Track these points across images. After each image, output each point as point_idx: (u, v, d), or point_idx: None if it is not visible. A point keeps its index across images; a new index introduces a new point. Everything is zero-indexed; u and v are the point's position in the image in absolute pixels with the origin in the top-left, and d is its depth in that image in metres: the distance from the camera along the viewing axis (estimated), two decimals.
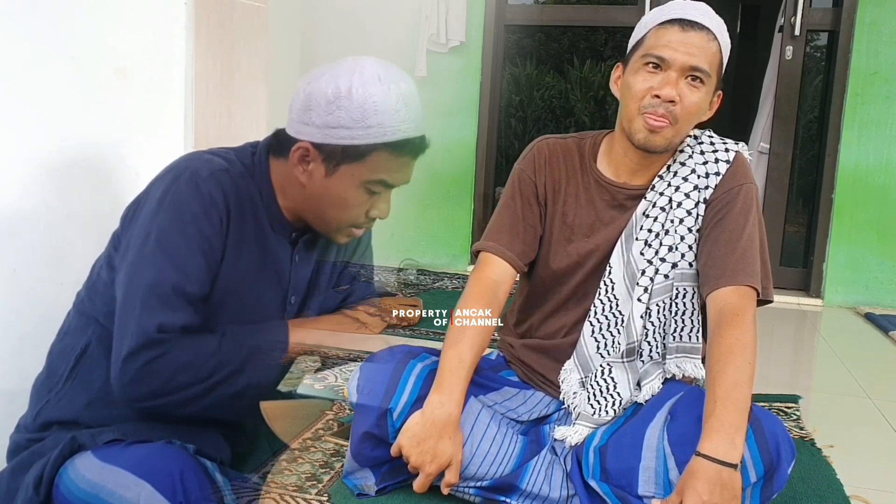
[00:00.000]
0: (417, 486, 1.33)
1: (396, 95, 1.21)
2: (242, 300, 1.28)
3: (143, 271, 1.17)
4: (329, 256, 1.44)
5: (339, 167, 1.23)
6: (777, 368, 2.75)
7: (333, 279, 1.45)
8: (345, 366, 2.23)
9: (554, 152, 1.51)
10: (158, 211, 1.19)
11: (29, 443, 1.25)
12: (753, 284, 1.33)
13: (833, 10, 3.86)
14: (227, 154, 1.29)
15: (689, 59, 1.32)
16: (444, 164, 4.21)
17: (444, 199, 4.31)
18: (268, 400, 1.30)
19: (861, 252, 3.77)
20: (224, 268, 1.24)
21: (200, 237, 1.19)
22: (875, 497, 1.59)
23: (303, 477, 1.50)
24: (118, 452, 1.15)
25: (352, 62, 1.23)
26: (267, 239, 1.31)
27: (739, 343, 1.26)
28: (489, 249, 1.48)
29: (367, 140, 1.20)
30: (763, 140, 4.04)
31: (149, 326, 1.15)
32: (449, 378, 1.34)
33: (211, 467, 1.18)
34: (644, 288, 1.40)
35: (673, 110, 1.33)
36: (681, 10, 1.36)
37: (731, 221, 1.37)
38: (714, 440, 1.18)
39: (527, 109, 7.38)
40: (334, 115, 1.20)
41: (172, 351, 1.16)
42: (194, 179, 1.20)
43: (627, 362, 1.42)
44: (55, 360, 1.29)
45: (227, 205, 1.23)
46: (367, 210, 1.29)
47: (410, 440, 1.30)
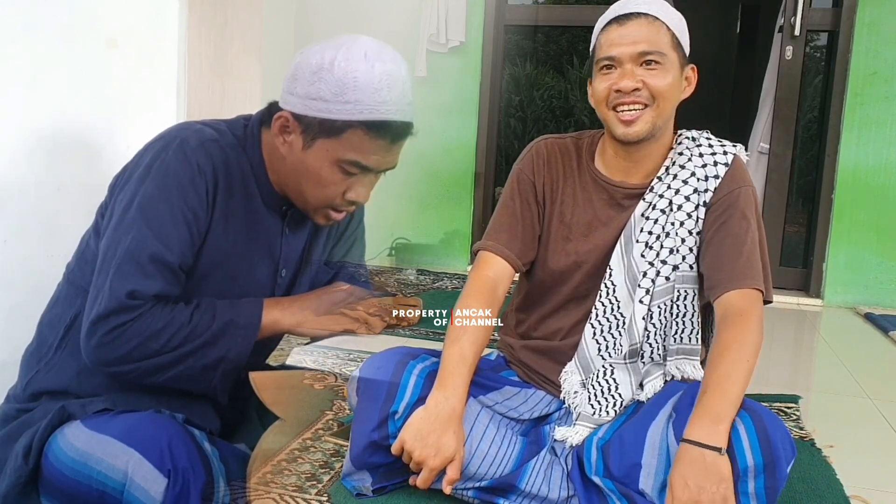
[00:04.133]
0: (421, 482, 1.32)
1: (380, 74, 1.18)
2: (231, 272, 1.27)
3: (122, 236, 1.17)
4: (321, 231, 1.43)
5: (315, 141, 1.21)
6: (777, 368, 2.74)
7: (325, 254, 1.44)
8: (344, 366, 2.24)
9: (552, 152, 1.52)
10: (145, 178, 1.18)
11: (18, 413, 1.25)
12: (759, 287, 1.35)
13: (833, 10, 3.86)
14: (219, 125, 1.28)
15: (634, 48, 1.35)
16: (444, 164, 4.22)
17: (444, 199, 4.31)
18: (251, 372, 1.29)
19: (861, 252, 3.77)
20: (210, 239, 1.23)
21: (185, 207, 1.18)
22: (875, 497, 1.59)
23: (303, 477, 1.50)
24: (107, 421, 1.15)
25: (347, 38, 1.21)
26: (257, 211, 1.29)
27: (737, 341, 1.27)
28: (488, 248, 1.48)
29: (342, 115, 1.18)
30: (763, 140, 4.04)
31: (120, 291, 1.14)
32: (451, 374, 1.34)
33: (199, 436, 1.18)
34: (645, 290, 1.40)
35: (641, 94, 1.35)
36: (618, 9, 1.40)
37: (734, 225, 1.38)
38: (696, 425, 1.20)
39: (526, 109, 7.38)
40: (315, 85, 1.18)
41: (143, 318, 1.15)
42: (183, 148, 1.19)
43: (630, 364, 1.42)
44: (45, 330, 1.29)
45: (216, 175, 1.22)
46: (345, 191, 1.26)
47: (414, 435, 1.30)
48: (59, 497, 1.15)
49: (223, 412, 1.34)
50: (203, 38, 1.86)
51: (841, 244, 3.80)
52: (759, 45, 5.74)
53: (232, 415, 1.38)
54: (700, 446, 1.19)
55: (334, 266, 1.47)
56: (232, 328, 1.23)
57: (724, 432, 1.20)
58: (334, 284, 1.42)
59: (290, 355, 2.06)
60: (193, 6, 1.81)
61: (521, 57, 7.49)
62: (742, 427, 1.22)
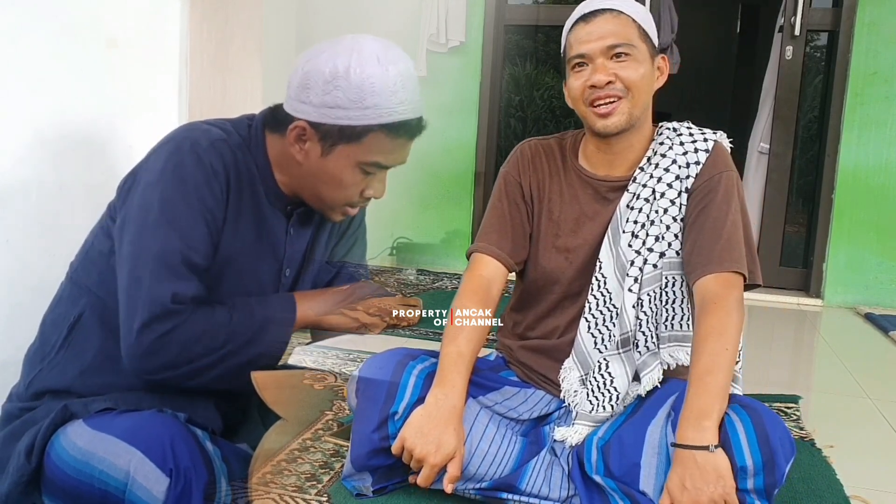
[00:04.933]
0: (422, 480, 1.31)
1: (395, 76, 1.20)
2: (239, 271, 1.28)
3: (149, 242, 1.17)
4: (323, 230, 1.43)
5: (335, 147, 1.23)
6: (777, 368, 2.75)
7: (327, 253, 1.45)
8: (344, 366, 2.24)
9: (537, 152, 1.55)
10: (161, 181, 1.18)
11: (21, 412, 1.25)
12: (739, 270, 1.35)
13: (833, 10, 3.86)
14: (225, 125, 1.29)
15: (601, 43, 1.37)
16: (444, 164, 4.22)
17: (444, 199, 4.31)
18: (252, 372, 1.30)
19: (861, 252, 3.77)
20: (224, 238, 1.24)
21: (204, 208, 1.19)
22: (875, 497, 1.59)
23: (302, 477, 1.50)
24: (109, 421, 1.16)
25: (351, 41, 1.22)
26: (263, 211, 1.31)
27: (716, 329, 1.28)
28: (479, 250, 1.50)
29: (363, 121, 1.20)
30: (763, 140, 4.04)
31: (163, 296, 1.14)
32: (450, 371, 1.35)
33: (201, 436, 1.18)
34: (634, 278, 1.41)
35: (615, 87, 1.38)
36: (583, 8, 1.43)
37: (714, 209, 1.39)
38: (683, 427, 1.21)
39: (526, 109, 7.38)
40: (331, 94, 1.19)
41: (187, 321, 1.16)
42: (195, 149, 1.20)
43: (623, 353, 1.42)
44: (48, 329, 1.29)
45: (227, 175, 1.23)
46: (363, 189, 1.29)
47: (414, 433, 1.30)
48: (62, 496, 1.15)
49: (225, 412, 1.34)
50: (204, 36, 1.87)
51: (841, 244, 3.80)
52: (759, 45, 5.74)
53: (234, 414, 1.38)
54: (689, 448, 1.19)
55: (335, 265, 1.47)
56: (269, 324, 1.25)
57: (710, 429, 1.20)
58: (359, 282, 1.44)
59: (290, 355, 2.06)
60: (195, 4, 1.82)
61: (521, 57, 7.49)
62: (740, 426, 1.22)
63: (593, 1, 1.42)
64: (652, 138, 1.49)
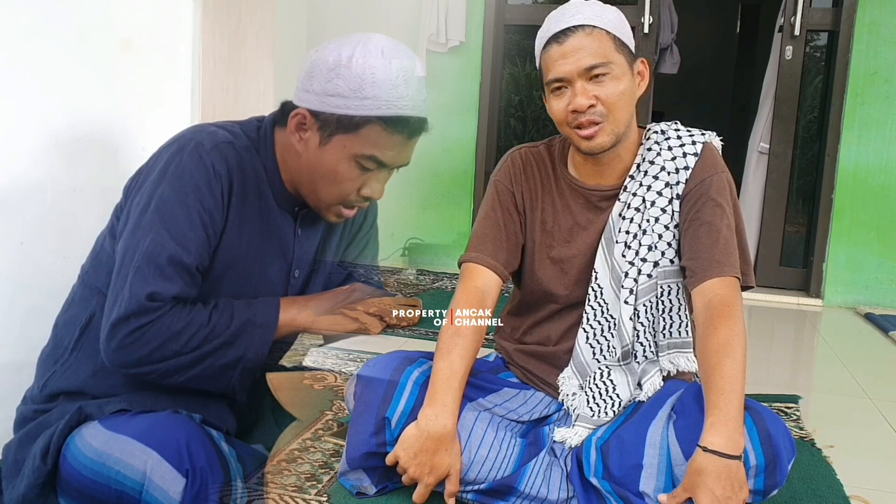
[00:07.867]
0: (417, 497, 1.33)
1: (397, 70, 1.20)
2: (245, 273, 1.29)
3: (140, 239, 1.18)
4: (334, 232, 1.43)
5: (332, 137, 1.23)
6: (777, 368, 2.75)
7: (339, 254, 1.45)
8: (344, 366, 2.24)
9: (528, 161, 1.52)
10: (161, 181, 1.20)
11: (36, 414, 1.26)
12: (737, 274, 1.35)
13: (833, 10, 3.86)
14: (233, 127, 1.30)
15: (578, 65, 1.33)
16: (444, 163, 4.22)
17: (444, 199, 4.31)
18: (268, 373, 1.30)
19: (861, 252, 3.78)
20: (225, 241, 1.24)
21: (201, 209, 1.20)
22: (875, 497, 1.60)
23: (302, 477, 1.50)
24: (125, 422, 1.16)
25: (360, 35, 1.23)
26: (271, 213, 1.31)
27: (734, 337, 1.27)
28: (474, 260, 1.47)
29: (361, 111, 1.20)
30: (763, 140, 4.05)
31: (140, 294, 1.15)
32: (441, 390, 1.33)
33: (217, 436, 1.19)
34: (629, 290, 1.41)
35: (596, 111, 1.35)
36: (553, 25, 1.38)
37: (708, 213, 1.38)
38: (718, 434, 1.19)
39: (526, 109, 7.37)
40: (332, 82, 1.20)
41: (163, 319, 1.17)
42: (198, 151, 1.20)
43: (624, 365, 1.42)
44: (61, 331, 1.30)
45: (231, 177, 1.23)
46: (360, 187, 1.28)
47: (407, 452, 1.30)
48: (78, 497, 1.16)
49: (240, 412, 1.35)
50: (216, 37, 1.87)
51: (841, 244, 3.80)
52: (759, 45, 5.74)
53: (248, 415, 1.39)
54: (724, 456, 1.18)
55: (347, 266, 1.47)
56: (250, 327, 1.24)
57: (741, 439, 1.20)
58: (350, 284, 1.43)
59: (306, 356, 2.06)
60: (207, 6, 1.82)
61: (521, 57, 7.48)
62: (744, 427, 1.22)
63: (564, 15, 1.38)
64: (640, 143, 1.47)
